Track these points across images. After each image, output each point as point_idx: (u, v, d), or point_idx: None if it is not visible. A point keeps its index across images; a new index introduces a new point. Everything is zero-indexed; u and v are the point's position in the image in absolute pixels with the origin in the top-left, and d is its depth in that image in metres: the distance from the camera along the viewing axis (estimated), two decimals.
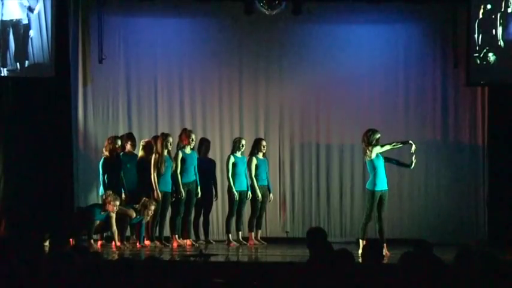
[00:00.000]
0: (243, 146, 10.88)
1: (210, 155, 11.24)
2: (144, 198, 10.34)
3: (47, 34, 10.73)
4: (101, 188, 10.57)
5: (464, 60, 11.13)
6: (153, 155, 10.37)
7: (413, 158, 9.78)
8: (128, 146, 10.81)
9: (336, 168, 11.77)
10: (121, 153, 10.72)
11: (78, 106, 11.61)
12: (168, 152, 10.48)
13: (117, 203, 10.11)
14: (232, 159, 10.82)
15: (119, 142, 10.66)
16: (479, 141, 11.60)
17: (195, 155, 10.74)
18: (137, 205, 10.33)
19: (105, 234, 10.57)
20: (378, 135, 9.65)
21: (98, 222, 10.19)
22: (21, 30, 10.75)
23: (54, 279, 5.18)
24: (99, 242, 10.46)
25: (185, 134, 10.65)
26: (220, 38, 11.72)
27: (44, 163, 10.99)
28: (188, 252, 9.79)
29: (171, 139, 10.50)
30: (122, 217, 10.20)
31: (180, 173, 10.52)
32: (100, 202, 10.52)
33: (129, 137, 10.95)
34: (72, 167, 11.41)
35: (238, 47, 11.78)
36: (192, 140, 10.64)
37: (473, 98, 11.61)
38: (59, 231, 10.11)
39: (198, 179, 10.68)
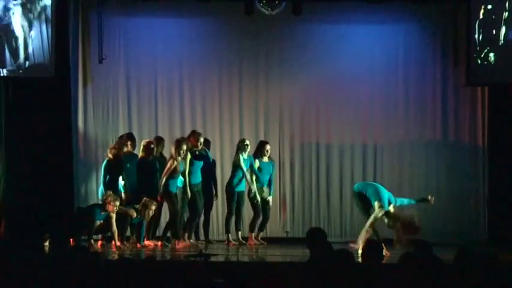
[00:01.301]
0: (247, 145, 10.85)
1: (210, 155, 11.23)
2: (145, 198, 10.34)
3: (47, 34, 10.74)
4: (101, 188, 10.54)
5: (464, 60, 11.13)
6: (169, 161, 10.31)
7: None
8: (128, 146, 10.80)
9: (336, 168, 11.76)
10: None
11: (78, 106, 11.60)
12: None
13: (117, 203, 10.11)
14: (241, 158, 10.79)
15: (125, 149, 10.63)
16: (479, 141, 11.60)
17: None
18: (137, 205, 10.33)
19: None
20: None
21: (98, 222, 10.20)
22: (21, 30, 10.75)
23: (54, 279, 5.18)
24: (99, 242, 10.46)
25: (194, 136, 10.64)
26: (220, 38, 11.72)
27: (44, 163, 10.99)
28: (188, 252, 9.78)
29: (184, 146, 10.43)
30: (122, 217, 10.21)
31: (188, 174, 10.51)
32: (100, 202, 10.52)
33: (129, 137, 10.94)
34: (72, 167, 11.42)
35: (238, 47, 11.77)
36: (200, 144, 10.64)
37: (473, 98, 11.61)
38: (59, 231, 10.11)
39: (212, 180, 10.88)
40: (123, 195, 10.47)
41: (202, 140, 10.71)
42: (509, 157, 11.20)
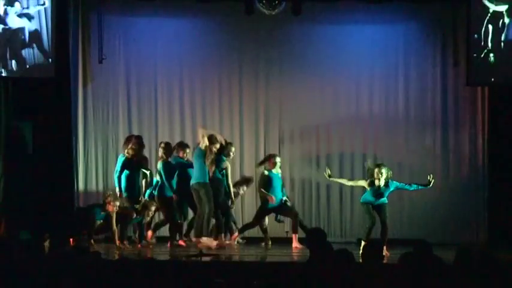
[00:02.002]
0: (276, 163, 10.78)
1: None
2: (145, 198, 10.36)
3: (47, 34, 10.74)
4: (120, 187, 10.43)
5: (464, 60, 11.13)
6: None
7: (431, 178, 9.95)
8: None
9: (336, 169, 11.74)
10: None
11: (78, 106, 11.61)
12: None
13: (117, 203, 10.13)
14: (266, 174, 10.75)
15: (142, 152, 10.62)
16: (479, 142, 11.60)
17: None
18: (137, 205, 10.33)
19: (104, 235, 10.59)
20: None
21: (98, 222, 10.21)
22: (21, 30, 10.75)
23: (54, 279, 5.18)
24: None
25: (227, 147, 10.56)
26: (220, 38, 11.72)
27: (44, 163, 10.99)
28: (188, 252, 9.77)
29: (220, 137, 10.36)
30: (122, 217, 10.21)
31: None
32: (100, 202, 10.52)
33: (137, 138, 10.86)
34: (72, 167, 11.42)
35: (238, 47, 11.77)
36: (233, 153, 10.64)
37: (473, 98, 11.61)
38: (59, 231, 10.11)
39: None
40: (142, 198, 10.46)
41: (233, 149, 10.65)
42: (509, 157, 11.20)
